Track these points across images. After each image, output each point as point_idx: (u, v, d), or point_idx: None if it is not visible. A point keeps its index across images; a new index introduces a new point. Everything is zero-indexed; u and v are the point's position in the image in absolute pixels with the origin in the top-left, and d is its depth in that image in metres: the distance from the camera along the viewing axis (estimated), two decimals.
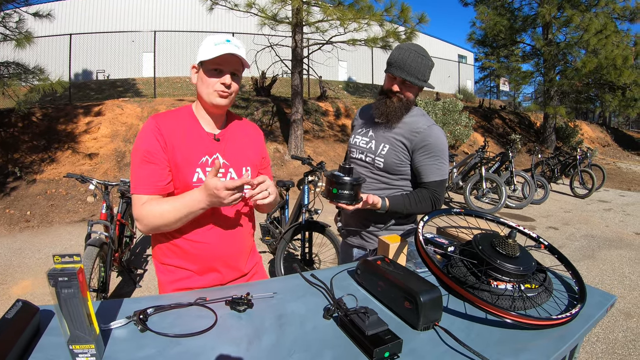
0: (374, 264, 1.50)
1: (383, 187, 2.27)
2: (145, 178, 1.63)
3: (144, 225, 1.63)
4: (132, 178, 1.65)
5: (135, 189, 1.64)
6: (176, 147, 1.66)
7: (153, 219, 1.60)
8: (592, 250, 6.31)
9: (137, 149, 1.65)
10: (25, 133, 9.81)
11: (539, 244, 1.84)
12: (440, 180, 2.19)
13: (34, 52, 9.39)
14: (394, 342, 1.12)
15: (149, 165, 1.63)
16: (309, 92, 16.54)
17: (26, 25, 9.32)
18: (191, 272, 1.75)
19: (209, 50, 1.61)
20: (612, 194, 11.36)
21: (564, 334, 1.31)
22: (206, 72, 1.66)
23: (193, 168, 1.68)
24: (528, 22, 17.52)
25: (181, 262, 1.74)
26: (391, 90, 2.17)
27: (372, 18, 10.38)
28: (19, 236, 6.76)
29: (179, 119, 1.73)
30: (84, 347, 1.04)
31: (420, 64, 2.10)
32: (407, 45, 2.14)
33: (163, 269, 1.78)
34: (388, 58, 2.17)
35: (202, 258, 1.73)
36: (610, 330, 3.95)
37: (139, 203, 1.63)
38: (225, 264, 1.78)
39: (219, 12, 11.18)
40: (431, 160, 2.16)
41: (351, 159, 2.41)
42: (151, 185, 1.63)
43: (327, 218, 5.24)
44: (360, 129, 2.40)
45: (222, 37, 1.65)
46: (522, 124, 20.70)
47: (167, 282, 1.77)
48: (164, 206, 1.60)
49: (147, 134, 1.65)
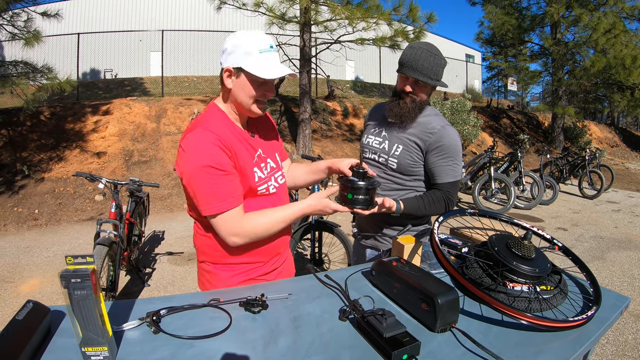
0: (389, 265, 1.49)
1: (396, 187, 2.25)
2: (231, 191, 1.57)
3: (246, 238, 1.62)
4: (211, 195, 1.54)
5: (223, 207, 1.55)
6: (237, 153, 1.63)
7: (261, 231, 1.63)
8: (601, 252, 6.26)
9: (204, 165, 1.52)
10: (33, 132, 9.84)
11: (553, 245, 1.82)
12: (454, 182, 2.17)
13: (42, 51, 9.43)
14: (412, 345, 1.11)
15: (228, 178, 1.57)
16: (317, 91, 16.54)
17: (34, 24, 9.35)
18: (260, 263, 1.80)
19: (255, 60, 1.55)
20: (620, 195, 11.28)
21: (580, 336, 1.30)
22: (251, 82, 1.60)
23: (252, 169, 1.68)
24: (536, 22, 17.40)
25: (250, 258, 1.76)
26: (404, 91, 2.14)
27: (381, 17, 10.36)
28: (27, 235, 6.79)
29: (223, 125, 1.65)
30: (96, 349, 1.03)
31: (433, 63, 2.06)
32: (419, 44, 2.11)
33: (224, 268, 1.76)
34: (400, 58, 2.12)
35: (269, 248, 1.80)
36: (620, 332, 3.92)
37: (237, 217, 1.58)
38: (282, 250, 1.91)
39: (227, 11, 11.19)
40: (445, 161, 2.14)
41: (364, 159, 2.39)
42: (239, 196, 1.60)
43: (337, 218, 5.22)
44: (373, 129, 2.38)
45: (266, 43, 1.58)
46: (530, 124, 20.60)
47: (229, 277, 1.76)
48: (270, 217, 1.65)
49: (210, 148, 1.54)
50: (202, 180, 1.53)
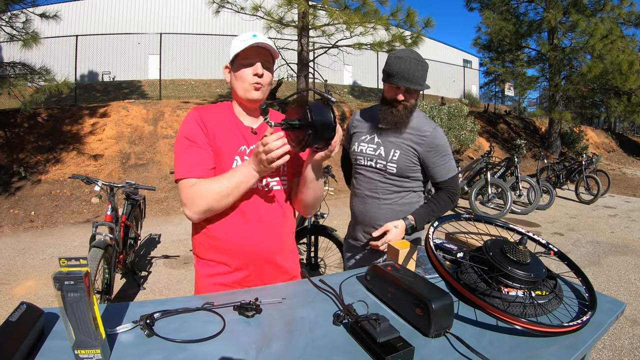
0: (384, 270, 1.48)
1: (396, 190, 2.32)
2: (192, 161, 1.66)
3: (194, 207, 1.63)
4: (178, 164, 1.68)
5: (181, 174, 1.65)
6: (217, 134, 1.71)
7: (203, 199, 1.61)
8: (597, 257, 6.27)
9: (181, 136, 1.70)
10: (30, 133, 9.83)
11: (549, 250, 1.82)
12: (454, 176, 2.31)
13: (40, 52, 9.43)
14: (405, 350, 1.10)
15: (194, 149, 1.67)
16: (315, 95, 16.54)
17: (33, 25, 9.36)
18: (229, 267, 1.75)
19: (238, 46, 1.68)
20: (617, 200, 11.31)
21: (576, 341, 1.29)
22: (238, 67, 1.72)
23: (232, 155, 1.72)
24: (533, 27, 17.49)
25: (221, 257, 1.75)
26: (396, 100, 2.19)
27: (379, 22, 10.40)
28: (23, 236, 6.77)
29: (219, 111, 1.81)
30: (89, 352, 1.03)
31: (421, 70, 2.13)
32: (405, 53, 2.15)
33: (202, 264, 1.80)
34: (387, 68, 2.17)
35: (241, 253, 1.73)
36: (617, 337, 3.92)
37: (187, 186, 1.64)
38: (266, 260, 1.77)
39: (225, 15, 11.21)
40: (442, 159, 2.26)
41: (358, 166, 2.43)
42: (198, 167, 1.66)
43: (333, 222, 5.22)
44: (364, 136, 2.41)
45: (249, 34, 1.71)
46: (527, 129, 20.67)
47: (204, 276, 1.78)
48: (213, 184, 1.62)
49: (189, 122, 1.71)
50: (177, 149, 1.71)
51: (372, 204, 2.36)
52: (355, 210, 2.47)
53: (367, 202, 2.37)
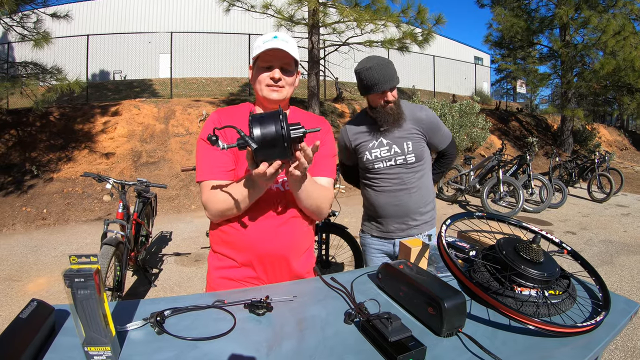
0: (396, 268, 1.47)
1: (419, 175, 2.58)
2: (210, 164, 1.70)
3: (211, 210, 1.69)
4: (198, 167, 1.73)
5: (201, 176, 1.71)
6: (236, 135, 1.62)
7: (219, 204, 1.65)
8: (610, 256, 6.21)
9: (200, 139, 1.73)
10: (42, 132, 9.92)
11: (562, 249, 1.80)
12: (452, 141, 2.76)
13: (51, 52, 9.52)
14: (417, 349, 1.09)
15: (211, 152, 1.69)
16: (325, 93, 16.55)
17: (44, 25, 9.44)
18: (236, 262, 1.76)
19: (258, 48, 1.70)
20: (630, 199, 11.18)
21: (589, 342, 1.27)
22: (257, 70, 1.74)
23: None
24: (545, 24, 17.31)
25: (229, 251, 1.77)
26: (387, 102, 2.43)
27: (389, 19, 10.35)
28: (35, 234, 6.83)
29: (239, 112, 1.84)
30: (99, 349, 1.03)
31: (391, 68, 2.38)
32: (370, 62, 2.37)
33: (213, 256, 1.85)
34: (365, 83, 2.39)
35: (249, 250, 1.73)
36: (629, 338, 3.87)
37: (207, 189, 1.68)
38: (274, 259, 1.74)
39: (236, 13, 11.23)
40: (439, 132, 2.64)
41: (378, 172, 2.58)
42: (216, 170, 1.70)
43: (344, 220, 5.20)
44: (371, 143, 2.57)
45: (271, 35, 1.73)
46: (539, 127, 20.50)
47: (213, 268, 1.83)
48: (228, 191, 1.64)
49: (208, 124, 1.75)
50: (197, 151, 1.77)
51: (403, 196, 2.55)
52: (387, 208, 2.61)
53: (399, 195, 2.56)
